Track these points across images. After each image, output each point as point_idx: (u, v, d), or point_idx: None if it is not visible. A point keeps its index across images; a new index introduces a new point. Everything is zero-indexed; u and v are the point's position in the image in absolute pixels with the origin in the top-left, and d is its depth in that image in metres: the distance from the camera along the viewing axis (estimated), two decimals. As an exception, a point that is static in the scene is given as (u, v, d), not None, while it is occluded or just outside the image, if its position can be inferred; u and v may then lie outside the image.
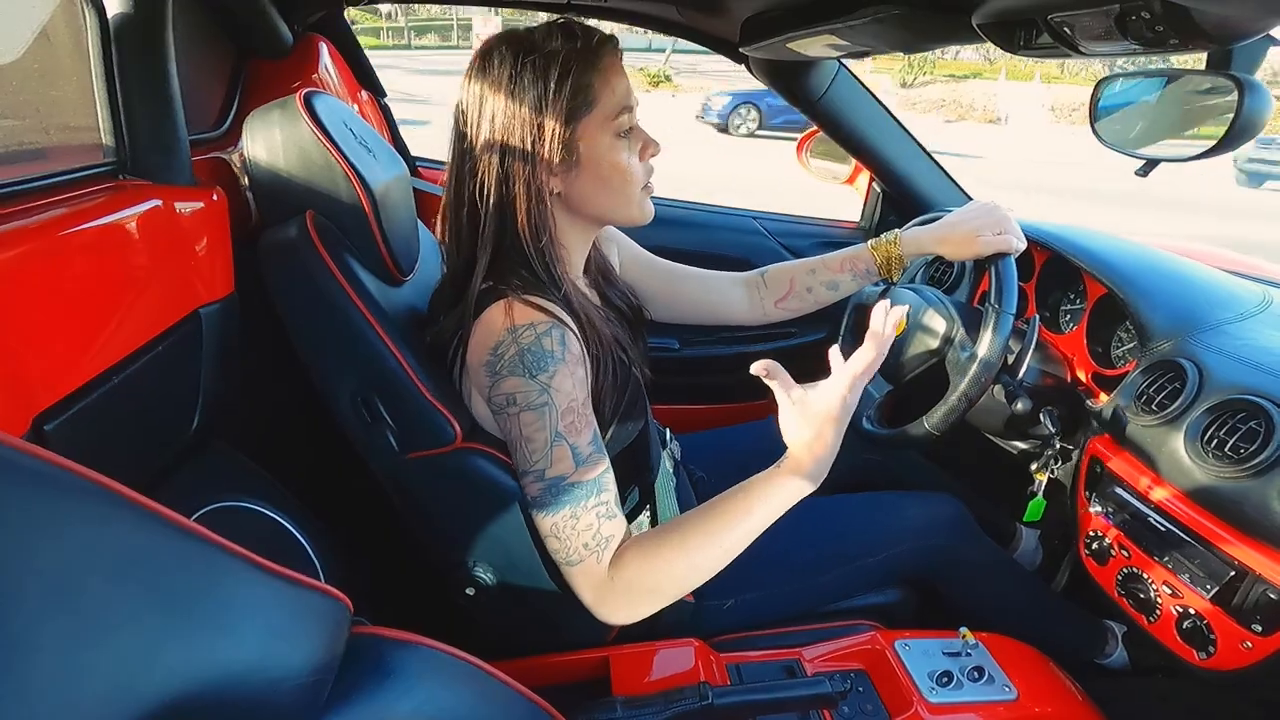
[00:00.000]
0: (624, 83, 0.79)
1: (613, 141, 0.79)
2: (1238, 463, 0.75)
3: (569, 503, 0.74)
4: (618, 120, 0.78)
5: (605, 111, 0.77)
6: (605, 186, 0.81)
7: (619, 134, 0.79)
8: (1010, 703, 0.79)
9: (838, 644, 0.89)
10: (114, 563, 0.27)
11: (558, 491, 0.74)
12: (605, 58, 0.77)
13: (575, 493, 0.74)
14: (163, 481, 0.78)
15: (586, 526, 0.74)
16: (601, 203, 0.82)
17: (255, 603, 0.33)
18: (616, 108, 0.78)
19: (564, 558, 0.75)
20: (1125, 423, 0.90)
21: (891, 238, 1.02)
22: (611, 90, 0.78)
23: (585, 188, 0.80)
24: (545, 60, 0.74)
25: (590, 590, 0.75)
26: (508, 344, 0.73)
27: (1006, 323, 0.95)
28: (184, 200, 0.78)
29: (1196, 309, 0.97)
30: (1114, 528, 0.89)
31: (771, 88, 1.46)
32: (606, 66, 0.77)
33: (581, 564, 0.74)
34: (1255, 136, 0.67)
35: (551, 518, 0.74)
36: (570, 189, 0.80)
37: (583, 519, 0.74)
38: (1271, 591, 0.70)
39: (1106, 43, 0.69)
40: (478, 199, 0.78)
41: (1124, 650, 1.14)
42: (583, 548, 0.74)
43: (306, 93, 0.83)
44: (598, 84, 0.77)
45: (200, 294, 0.80)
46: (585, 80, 0.76)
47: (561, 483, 0.74)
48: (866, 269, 1.04)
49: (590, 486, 0.74)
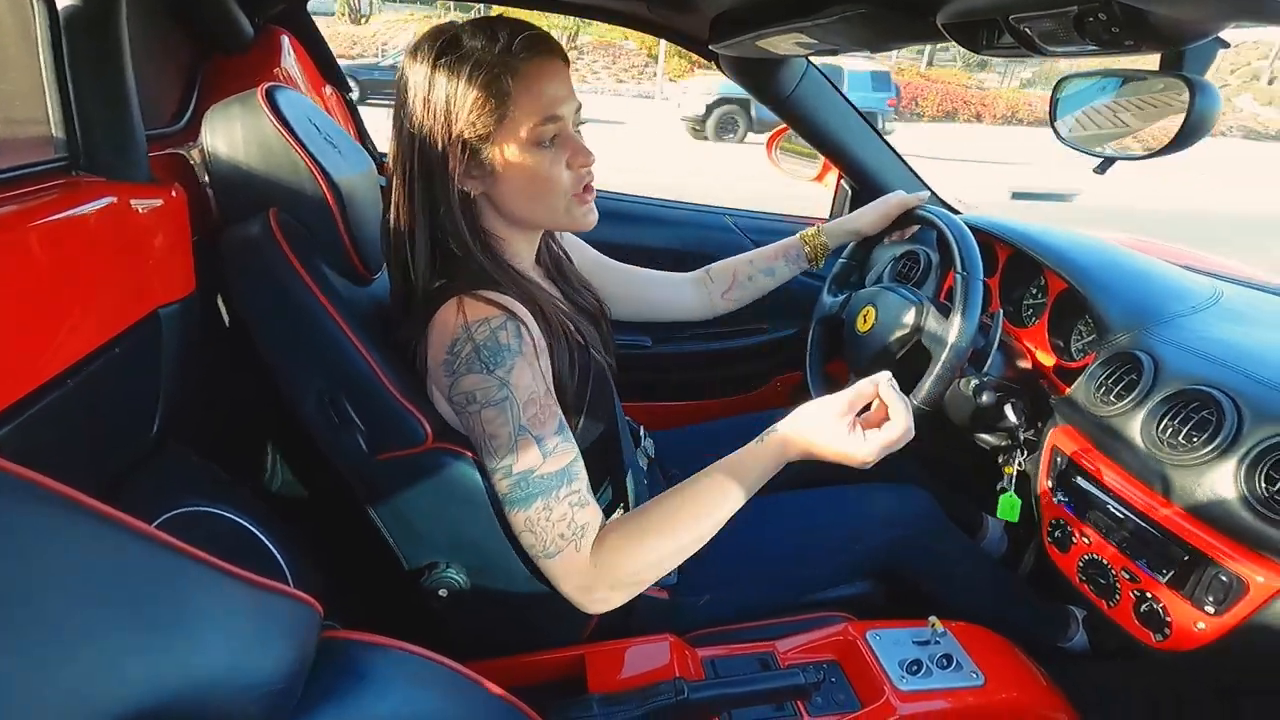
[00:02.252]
0: (551, 88, 0.74)
1: (531, 151, 0.75)
2: (1191, 451, 0.78)
3: (540, 495, 0.73)
4: (538, 130, 0.74)
5: (522, 120, 0.73)
6: (524, 195, 0.78)
7: (538, 143, 0.75)
8: (977, 688, 0.81)
9: (810, 636, 0.90)
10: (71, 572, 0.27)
11: (527, 485, 0.73)
12: (529, 61, 0.73)
13: (545, 484, 0.73)
14: (122, 487, 0.76)
15: (560, 517, 0.74)
16: (525, 209, 0.80)
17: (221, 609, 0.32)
18: (537, 116, 0.74)
19: (540, 551, 0.75)
20: (1085, 413, 0.93)
21: (817, 228, 1.20)
22: (533, 97, 0.73)
23: (505, 194, 0.78)
24: (459, 61, 0.71)
25: (571, 580, 0.75)
26: (463, 341, 0.72)
27: (976, 287, 0.98)
28: (141, 197, 0.75)
29: (1152, 303, 1.00)
30: (1075, 515, 0.92)
31: (740, 85, 1.47)
32: (529, 71, 0.73)
33: (560, 555, 0.74)
34: (1205, 136, 0.69)
35: (524, 512, 0.74)
36: (492, 193, 0.79)
37: (556, 510, 0.74)
38: (1223, 574, 0.73)
39: (1065, 44, 0.71)
40: (402, 199, 0.77)
41: (1084, 634, 1.18)
42: (559, 538, 0.74)
43: (268, 87, 0.81)
44: (516, 91, 0.72)
45: (159, 294, 0.78)
46: (499, 86, 0.71)
47: (530, 476, 0.73)
48: (797, 254, 1.19)
49: (560, 477, 0.74)
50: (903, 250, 1.37)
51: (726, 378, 1.68)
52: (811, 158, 1.68)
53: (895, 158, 1.54)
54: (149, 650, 0.29)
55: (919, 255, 1.34)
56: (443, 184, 0.75)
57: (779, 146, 1.72)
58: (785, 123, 1.56)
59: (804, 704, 0.80)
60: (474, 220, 0.79)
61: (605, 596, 0.76)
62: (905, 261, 1.39)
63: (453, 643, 0.78)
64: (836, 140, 1.51)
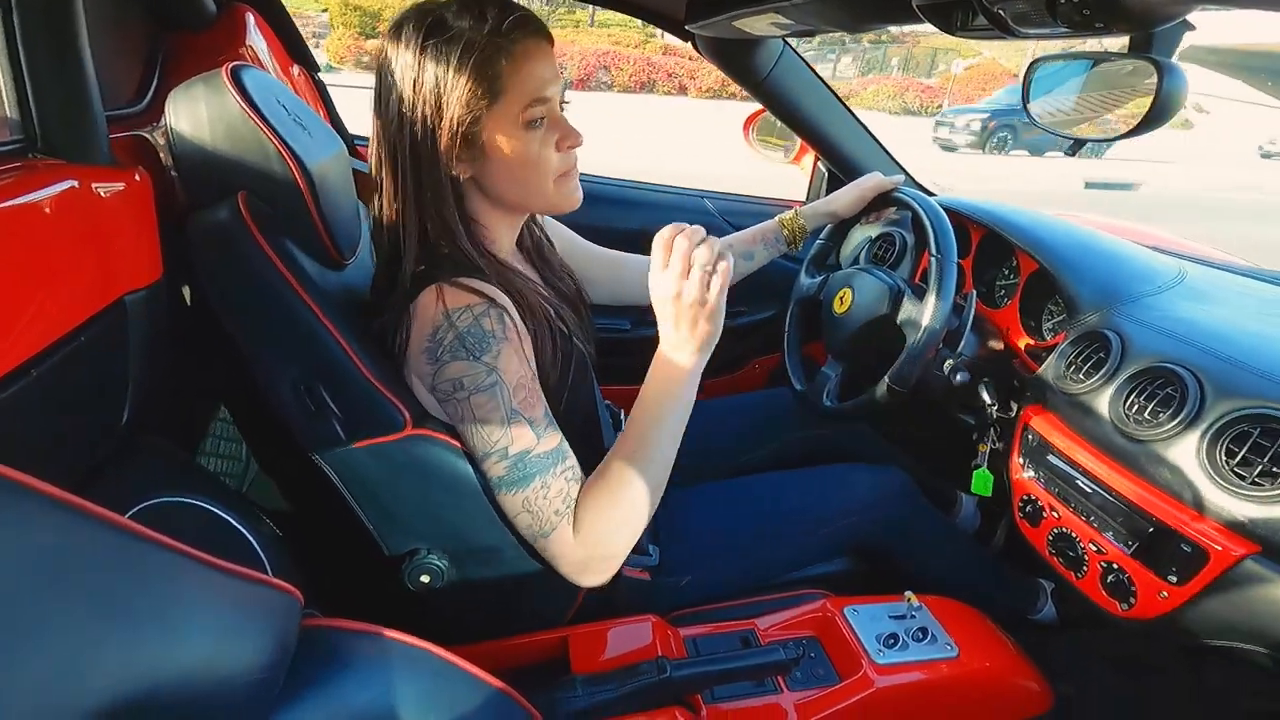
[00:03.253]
0: (540, 70, 0.74)
1: (521, 133, 0.75)
2: (1156, 426, 0.80)
3: (538, 474, 0.74)
4: (528, 111, 0.74)
5: (513, 101, 0.73)
6: (513, 178, 0.78)
7: (529, 125, 0.75)
8: (952, 659, 0.83)
9: (790, 613, 0.91)
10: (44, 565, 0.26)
11: (524, 466, 0.74)
12: (519, 42, 0.72)
13: (543, 463, 0.74)
14: (94, 479, 0.74)
15: (558, 493, 0.75)
16: (513, 192, 0.80)
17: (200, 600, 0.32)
18: (527, 98, 0.73)
19: (538, 530, 0.75)
20: (1055, 391, 0.95)
21: (794, 211, 1.21)
22: (523, 79, 0.73)
23: (494, 177, 0.78)
24: (448, 43, 0.70)
25: (564, 557, 0.76)
26: (445, 329, 0.72)
27: (950, 270, 1.00)
28: (103, 181, 0.73)
29: (1119, 283, 1.02)
30: (1045, 490, 0.94)
31: (717, 66, 1.46)
32: (519, 52, 0.72)
33: (555, 532, 0.75)
34: (1172, 117, 0.70)
35: (522, 493, 0.74)
36: (481, 176, 0.78)
37: (554, 486, 0.74)
38: (1185, 545, 0.75)
39: (1038, 25, 0.71)
40: (390, 184, 0.76)
41: (1052, 605, 1.22)
42: (555, 515, 0.75)
43: (233, 66, 0.79)
44: (506, 72, 0.72)
45: (125, 280, 0.75)
46: (491, 68, 0.71)
47: (527, 457, 0.74)
48: (775, 238, 1.20)
49: (555, 455, 0.75)
50: (879, 232, 1.38)
51: None
52: (788, 140, 1.68)
53: (872, 140, 1.55)
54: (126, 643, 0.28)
55: (895, 237, 1.35)
56: (433, 168, 0.74)
57: (755, 129, 1.72)
58: (762, 105, 1.55)
59: (784, 679, 0.81)
60: (459, 203, 0.78)
61: (600, 559, 0.77)
62: (881, 243, 1.40)
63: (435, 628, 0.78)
64: (813, 122, 1.51)
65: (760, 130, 1.72)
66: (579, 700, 0.72)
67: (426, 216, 0.76)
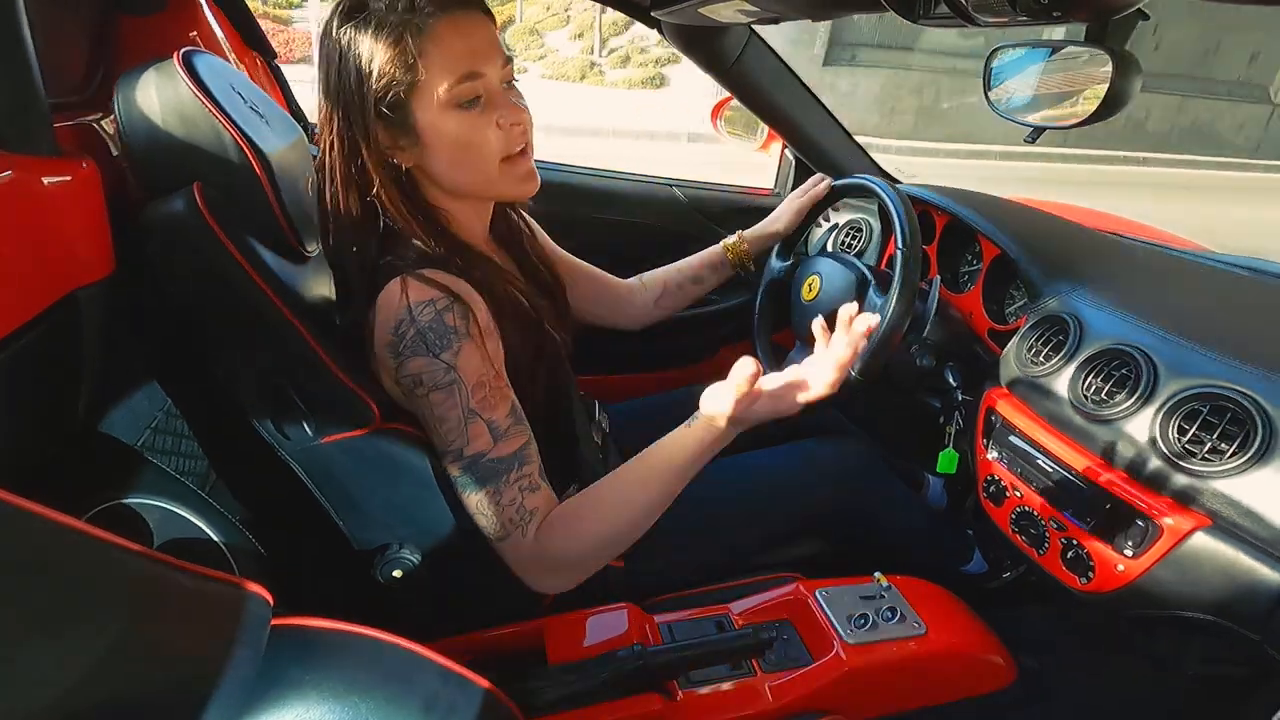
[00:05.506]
0: (468, 44, 0.70)
1: (454, 113, 0.71)
2: (1112, 406, 0.83)
3: (490, 480, 0.73)
4: (457, 89, 0.70)
5: (440, 80, 0.70)
6: (453, 161, 0.74)
7: (460, 104, 0.71)
8: (920, 637, 0.86)
9: (763, 597, 0.93)
10: (-5, 571, 0.25)
11: (477, 469, 0.72)
12: (438, 16, 0.68)
13: (495, 468, 0.73)
14: (49, 480, 0.72)
15: (510, 502, 0.73)
16: (458, 178, 0.76)
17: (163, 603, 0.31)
18: (455, 75, 0.70)
19: (491, 533, 0.75)
20: (1017, 374, 0.97)
21: (738, 236, 1.23)
22: (445, 55, 0.69)
23: (435, 163, 0.74)
24: (364, 24, 0.67)
25: (519, 564, 0.76)
26: (407, 323, 0.70)
27: (912, 264, 1.01)
28: (47, 173, 0.70)
29: (1077, 268, 1.05)
30: (1008, 470, 0.97)
31: (684, 54, 1.45)
32: (440, 28, 0.69)
33: (508, 538, 0.74)
34: (1126, 105, 0.72)
35: (475, 495, 0.73)
36: (424, 164, 0.75)
37: (505, 494, 0.73)
38: (1139, 519, 0.78)
39: (998, 14, 0.72)
40: (335, 171, 0.74)
41: (980, 558, 1.27)
42: (508, 523, 0.74)
43: (186, 51, 0.76)
44: (430, 49, 0.68)
45: (75, 275, 0.73)
46: (411, 48, 0.68)
47: (481, 459, 0.72)
48: (721, 262, 1.22)
49: (510, 461, 0.73)
50: (847, 219, 1.40)
51: (677, 349, 1.69)
52: (755, 127, 1.68)
53: (838, 127, 1.56)
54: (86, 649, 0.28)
55: (861, 224, 1.36)
56: (371, 157, 0.72)
57: (723, 117, 1.72)
58: (730, 93, 1.55)
59: (758, 661, 0.83)
60: (412, 193, 0.76)
61: (551, 581, 0.77)
62: (849, 230, 1.42)
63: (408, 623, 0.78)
64: (780, 110, 1.51)
65: (728, 117, 1.72)
66: (555, 689, 0.72)
67: (381, 207, 0.75)
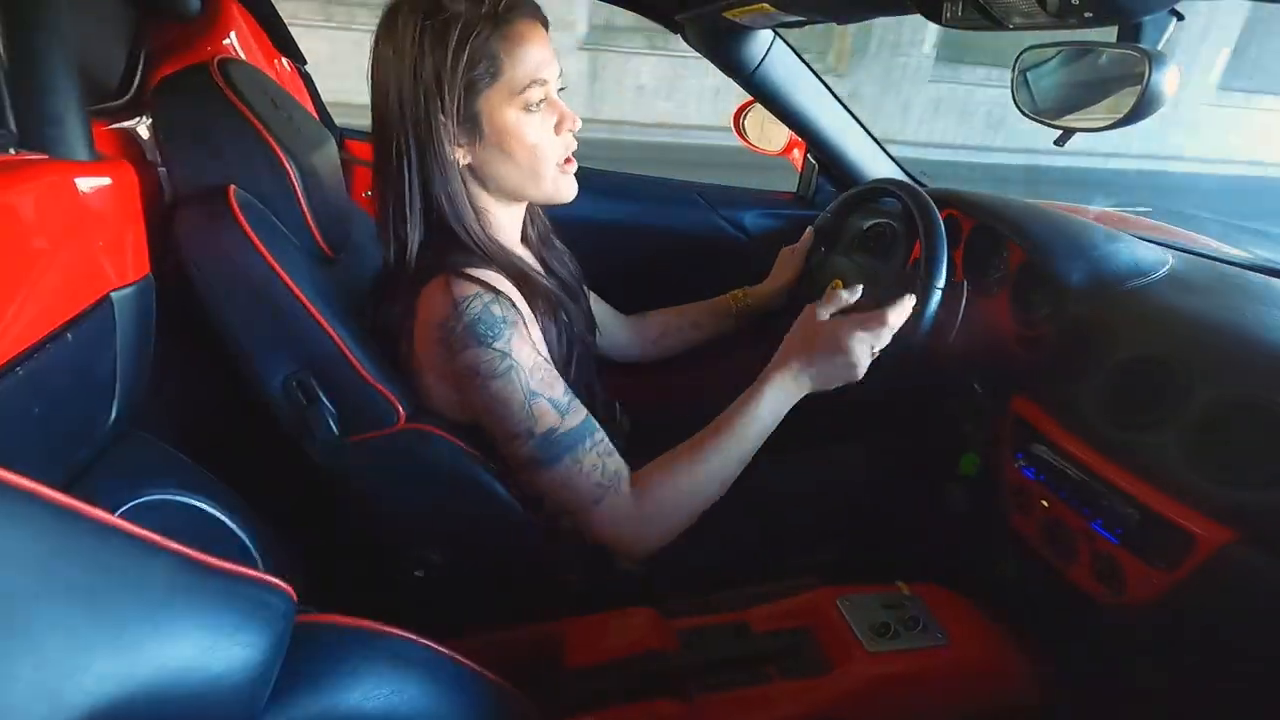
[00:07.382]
0: (537, 52, 0.74)
1: (520, 115, 0.75)
2: (1142, 415, 0.81)
3: (569, 450, 0.75)
4: (526, 93, 0.74)
5: (511, 83, 0.73)
6: (512, 162, 0.77)
7: (527, 107, 0.75)
8: (942, 648, 0.84)
9: (783, 604, 0.92)
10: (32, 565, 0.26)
11: (553, 444, 0.74)
12: (516, 23, 0.72)
13: (571, 438, 0.75)
14: (82, 478, 0.74)
15: (593, 467, 0.76)
16: (511, 178, 0.79)
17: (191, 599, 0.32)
18: (524, 80, 0.74)
19: (581, 503, 0.76)
20: (1044, 382, 0.95)
21: (743, 291, 1.29)
22: (519, 60, 0.73)
23: (493, 162, 0.77)
24: (445, 25, 0.70)
25: (618, 523, 0.78)
26: (455, 319, 0.72)
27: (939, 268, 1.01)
28: (86, 176, 0.72)
29: (1107, 274, 1.03)
30: (1036, 481, 0.95)
31: (707, 57, 1.45)
32: (516, 34, 0.72)
33: (603, 500, 0.76)
34: (1161, 106, 0.71)
35: (555, 470, 0.75)
36: (478, 163, 0.78)
37: (587, 460, 0.75)
38: (1171, 532, 0.76)
39: (1026, 16, 0.71)
40: (396, 173, 0.75)
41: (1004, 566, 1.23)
42: (596, 486, 0.76)
43: (221, 59, 0.78)
44: (503, 53, 0.72)
45: (111, 277, 0.75)
46: (489, 49, 0.71)
47: (554, 434, 0.74)
48: (724, 313, 1.26)
49: (583, 429, 0.76)
50: (871, 223, 1.38)
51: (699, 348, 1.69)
52: (778, 130, 1.68)
53: (864, 133, 1.55)
54: (115, 643, 0.28)
55: (885, 228, 1.35)
56: (436, 154, 0.74)
57: (745, 119, 1.71)
58: (752, 96, 1.55)
59: (776, 668, 0.82)
60: (461, 196, 0.78)
61: (654, 534, 0.80)
62: (873, 232, 1.40)
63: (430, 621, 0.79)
64: (803, 115, 1.50)
65: (750, 121, 1.71)
66: (575, 693, 0.72)
67: (435, 202, 0.76)
